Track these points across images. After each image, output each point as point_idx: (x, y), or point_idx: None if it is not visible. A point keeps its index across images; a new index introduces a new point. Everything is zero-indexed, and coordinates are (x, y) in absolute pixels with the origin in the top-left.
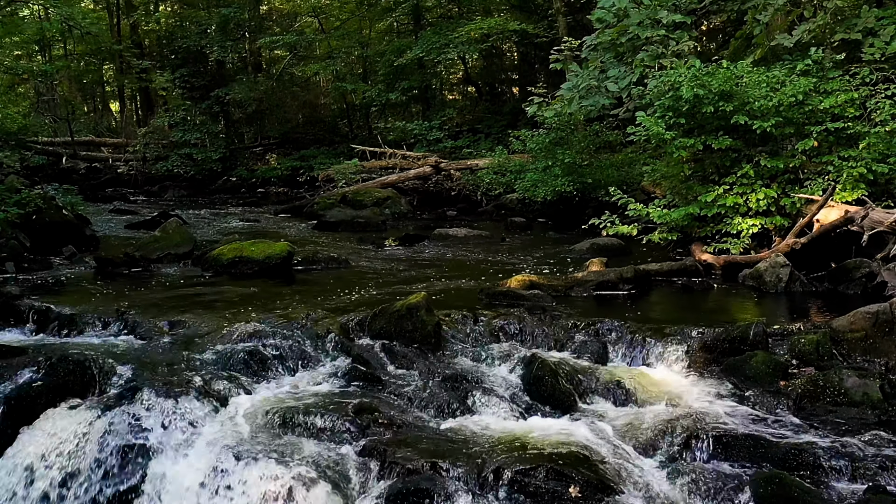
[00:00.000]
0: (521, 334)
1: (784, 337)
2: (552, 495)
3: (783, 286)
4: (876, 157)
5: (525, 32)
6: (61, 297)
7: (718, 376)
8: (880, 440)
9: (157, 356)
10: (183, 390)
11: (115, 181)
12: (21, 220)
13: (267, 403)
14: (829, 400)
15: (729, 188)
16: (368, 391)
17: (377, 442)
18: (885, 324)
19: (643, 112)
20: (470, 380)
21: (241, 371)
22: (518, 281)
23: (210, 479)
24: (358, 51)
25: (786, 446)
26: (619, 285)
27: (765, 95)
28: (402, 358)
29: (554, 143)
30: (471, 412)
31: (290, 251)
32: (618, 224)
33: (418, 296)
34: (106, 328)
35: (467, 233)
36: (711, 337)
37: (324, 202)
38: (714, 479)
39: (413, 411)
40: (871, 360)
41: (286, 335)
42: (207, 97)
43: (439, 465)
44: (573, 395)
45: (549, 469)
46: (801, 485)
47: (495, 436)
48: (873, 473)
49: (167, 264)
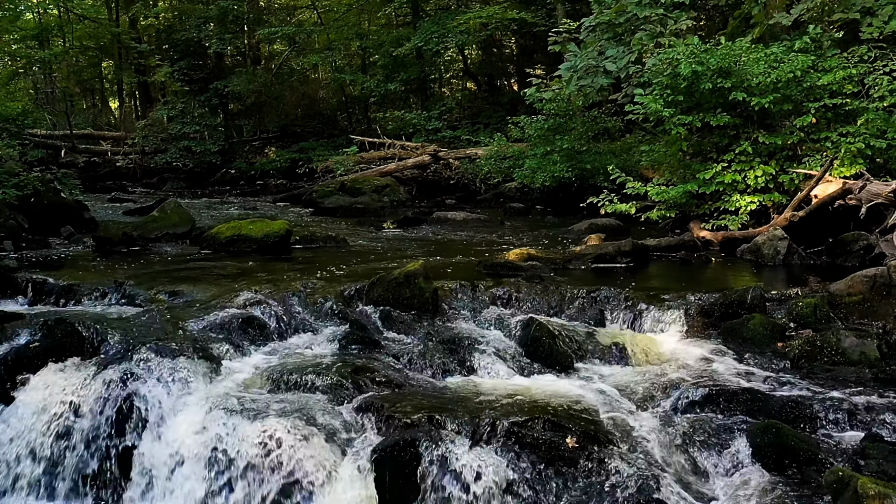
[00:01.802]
0: (519, 302)
1: (781, 302)
2: (549, 446)
3: (781, 259)
4: (874, 133)
5: (524, 21)
6: (59, 272)
7: (715, 339)
8: (877, 395)
9: (153, 322)
10: (179, 350)
11: (114, 174)
12: (19, 203)
13: (263, 364)
14: (827, 359)
15: (727, 165)
16: (366, 353)
17: (374, 398)
18: (883, 287)
19: (641, 90)
20: (467, 342)
21: (238, 336)
22: (516, 254)
23: (205, 433)
24: (357, 42)
25: (783, 399)
26: (616, 258)
27: (763, 72)
28: (399, 323)
29: (552, 130)
30: (468, 372)
31: (288, 229)
32: (616, 202)
33: (416, 263)
34: (103, 298)
35: (466, 216)
36: (709, 302)
37: (322, 190)
38: (710, 430)
39: (410, 372)
40: (868, 322)
41: (283, 303)
42: (206, 90)
43: (436, 418)
44: (570, 357)
45: (545, 420)
46: (797, 434)
47: (492, 392)
48: (870, 423)
49: (165, 243)
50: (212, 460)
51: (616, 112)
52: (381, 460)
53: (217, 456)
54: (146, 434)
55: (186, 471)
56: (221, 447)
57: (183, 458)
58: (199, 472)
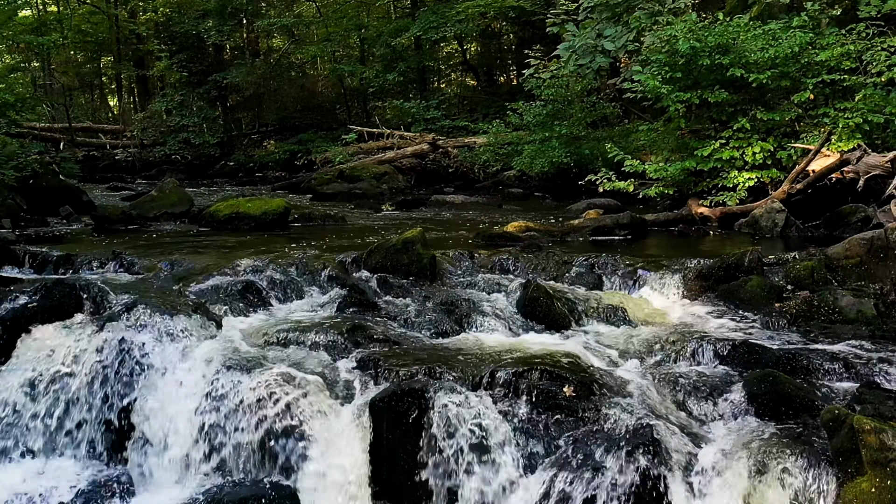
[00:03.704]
0: (517, 269)
1: (779, 265)
2: (546, 395)
3: (779, 231)
4: (872, 109)
5: (522, 10)
6: (58, 246)
7: (713, 301)
8: (875, 349)
9: (152, 286)
10: (178, 309)
11: (113, 167)
12: (18, 184)
13: (261, 324)
14: (824, 318)
15: (725, 142)
16: (363, 315)
17: (372, 353)
18: (880, 249)
19: (639, 66)
20: (465, 304)
21: (236, 299)
22: (514, 226)
23: (204, 386)
24: (356, 34)
25: (779, 352)
26: (614, 231)
27: (761, 48)
28: (397, 288)
29: (551, 116)
30: (466, 331)
31: (286, 207)
32: (614, 180)
33: (414, 230)
34: (102, 267)
35: (465, 199)
36: (707, 266)
37: (321, 178)
38: (707, 381)
39: (408, 331)
40: (865, 285)
41: (282, 271)
42: (205, 82)
43: (435, 370)
44: (568, 317)
45: (543, 370)
46: (794, 382)
47: (490, 348)
48: (867, 374)
49: (164, 222)
50: (210, 409)
51: (614, 98)
52: (379, 409)
53: (216, 405)
54: (146, 386)
55: (185, 420)
56: (220, 395)
57: (182, 408)
58: (198, 420)
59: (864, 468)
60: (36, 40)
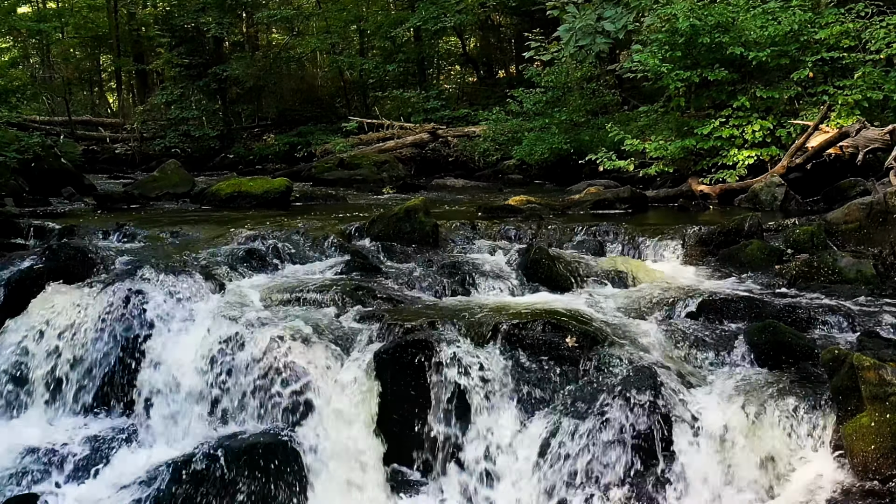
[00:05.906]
0: (518, 238)
1: (779, 231)
2: (549, 346)
3: (778, 205)
4: (871, 86)
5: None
6: (61, 220)
7: (714, 265)
8: (873, 303)
9: (157, 252)
10: (183, 271)
11: (113, 160)
12: (20, 167)
13: (265, 284)
14: (824, 279)
15: (725, 121)
16: (367, 278)
17: (375, 310)
18: (880, 214)
19: (639, 45)
20: (467, 267)
21: (240, 264)
22: (516, 200)
23: (210, 340)
24: (355, 26)
25: (780, 305)
26: (615, 205)
27: (761, 26)
28: (400, 254)
29: (550, 103)
30: (468, 291)
31: (288, 186)
32: (614, 159)
33: (416, 199)
34: (106, 237)
35: (465, 183)
36: (707, 231)
37: (321, 166)
38: (708, 332)
39: (411, 292)
40: (864, 248)
41: (285, 238)
42: (205, 75)
43: (437, 323)
44: (570, 279)
45: (545, 323)
46: (794, 332)
47: (493, 305)
48: (865, 325)
49: (166, 201)
50: (216, 361)
51: (614, 85)
52: (383, 361)
53: (220, 358)
54: (152, 340)
55: (190, 372)
56: (225, 349)
57: (187, 361)
58: (203, 372)
59: (863, 405)
60: (36, 26)
